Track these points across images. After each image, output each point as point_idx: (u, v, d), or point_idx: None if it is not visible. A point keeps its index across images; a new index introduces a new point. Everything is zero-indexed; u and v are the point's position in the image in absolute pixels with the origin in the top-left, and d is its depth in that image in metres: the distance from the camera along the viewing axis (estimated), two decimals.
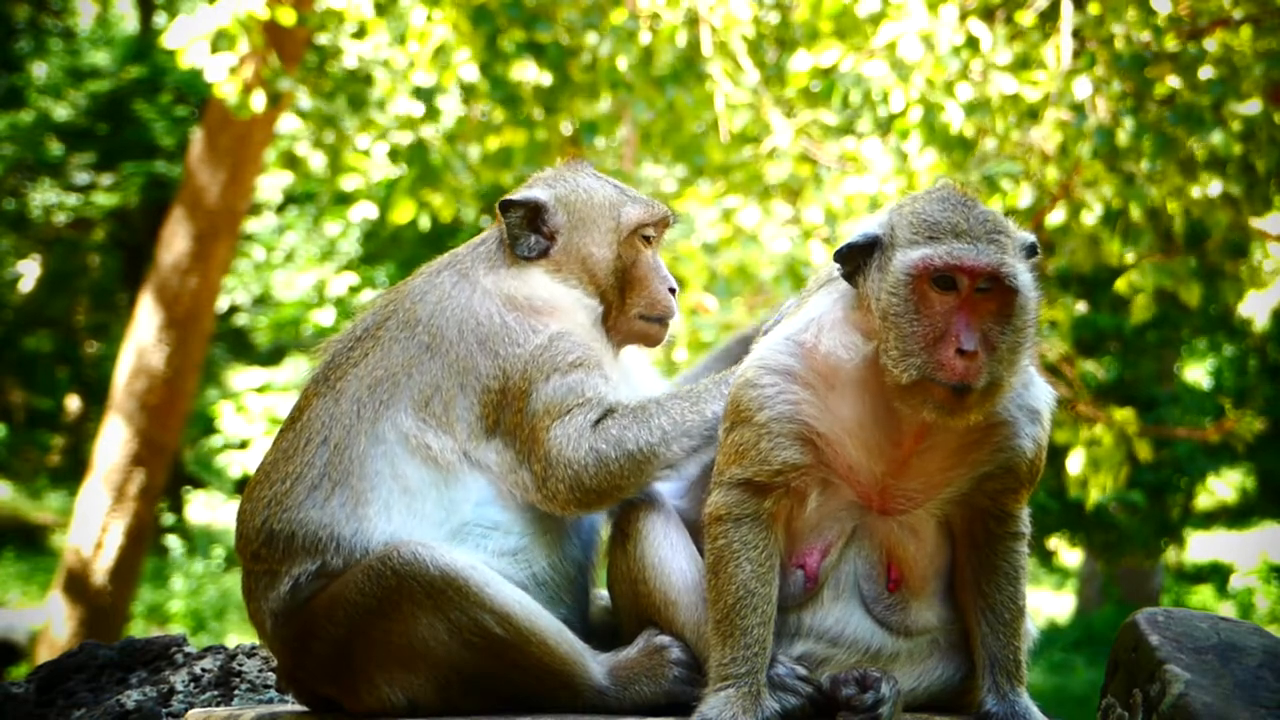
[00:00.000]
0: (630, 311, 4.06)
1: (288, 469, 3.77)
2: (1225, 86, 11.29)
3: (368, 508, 3.68)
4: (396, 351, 3.83)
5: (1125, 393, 20.54)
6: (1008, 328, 3.42)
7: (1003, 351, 3.41)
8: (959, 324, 3.39)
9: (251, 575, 3.79)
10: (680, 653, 3.68)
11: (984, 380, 3.38)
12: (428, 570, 3.56)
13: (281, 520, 3.71)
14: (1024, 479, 3.61)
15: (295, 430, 3.83)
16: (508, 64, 11.84)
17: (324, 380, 3.88)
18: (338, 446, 3.74)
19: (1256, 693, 3.43)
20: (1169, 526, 24.49)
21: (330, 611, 3.64)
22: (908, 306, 3.41)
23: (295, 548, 3.69)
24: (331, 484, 3.71)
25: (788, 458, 3.53)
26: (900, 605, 3.64)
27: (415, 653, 3.60)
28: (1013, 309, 3.43)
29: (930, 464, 3.57)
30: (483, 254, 4.03)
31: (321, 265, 24.17)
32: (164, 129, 25.18)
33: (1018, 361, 3.45)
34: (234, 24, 11.50)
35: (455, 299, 3.89)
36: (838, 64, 11.79)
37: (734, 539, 3.53)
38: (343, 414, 3.78)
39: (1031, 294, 3.46)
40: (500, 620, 3.58)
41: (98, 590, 14.73)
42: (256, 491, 3.81)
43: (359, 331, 3.94)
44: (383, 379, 3.81)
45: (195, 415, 22.38)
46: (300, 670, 3.79)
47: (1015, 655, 3.62)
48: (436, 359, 3.81)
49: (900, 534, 3.63)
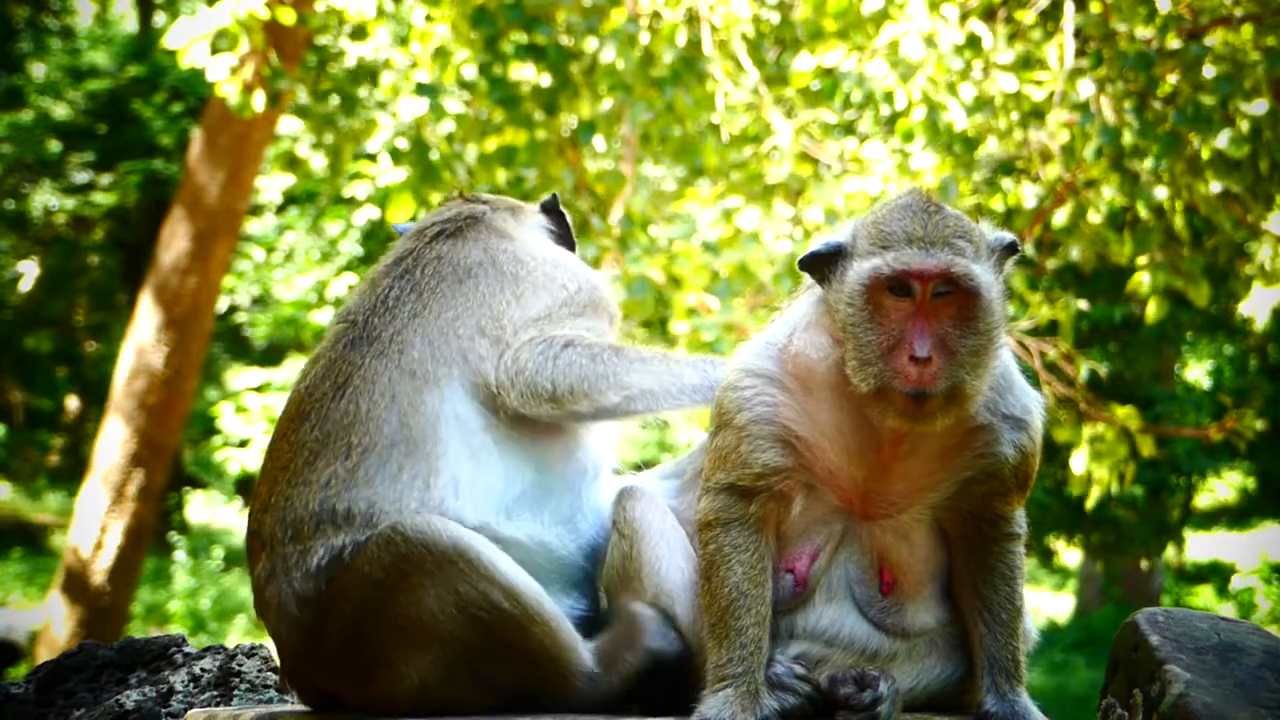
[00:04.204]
0: None
1: (349, 440, 3.70)
2: (1231, 85, 11.30)
3: (438, 478, 3.68)
4: (467, 289, 3.94)
5: (1125, 391, 20.54)
6: (968, 331, 3.41)
7: (963, 355, 3.39)
8: (913, 330, 3.39)
9: (278, 557, 3.71)
10: (652, 613, 3.71)
11: (942, 385, 3.37)
12: (440, 540, 3.57)
13: (345, 499, 3.66)
14: (1010, 484, 3.59)
15: (346, 396, 3.76)
16: (506, 65, 11.84)
17: (369, 341, 3.84)
18: (411, 404, 3.74)
19: (1256, 693, 3.43)
20: (1169, 526, 24.49)
21: (346, 588, 3.63)
22: (863, 316, 3.43)
23: (354, 523, 3.65)
24: (404, 452, 3.69)
25: (768, 460, 3.54)
26: (895, 608, 3.63)
27: (424, 626, 3.60)
28: (972, 311, 3.41)
29: (911, 469, 3.56)
30: (504, 213, 4.27)
31: (321, 266, 24.17)
32: (163, 128, 25.19)
33: (982, 364, 3.43)
34: (234, 24, 11.50)
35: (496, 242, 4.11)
36: (839, 64, 11.80)
37: (724, 543, 3.55)
38: (416, 364, 3.79)
39: (993, 295, 3.44)
40: (508, 594, 3.60)
41: (97, 590, 14.74)
42: (305, 474, 3.71)
43: (395, 293, 3.95)
44: (455, 319, 3.87)
45: (195, 415, 22.36)
46: (311, 660, 3.76)
47: (1014, 655, 3.61)
48: (509, 282, 3.97)
49: (891, 538, 3.62)
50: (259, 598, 3.81)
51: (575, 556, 3.87)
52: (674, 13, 12.22)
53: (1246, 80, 11.42)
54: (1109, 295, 19.27)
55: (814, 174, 12.81)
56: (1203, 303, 12.36)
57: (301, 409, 3.82)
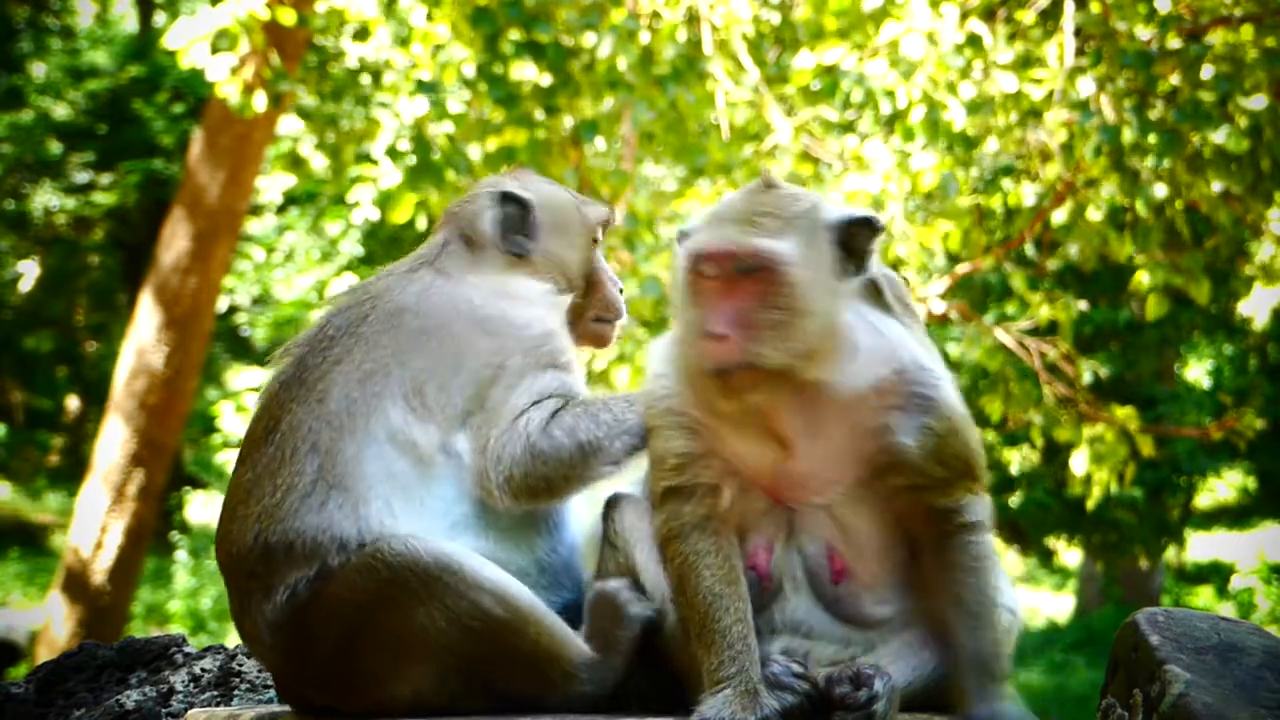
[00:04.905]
0: (588, 312, 4.16)
1: (275, 482, 3.68)
2: (1231, 83, 11.30)
3: (368, 507, 3.63)
4: (386, 342, 3.78)
5: (1125, 391, 20.54)
6: (771, 306, 3.41)
7: (764, 330, 3.40)
8: (710, 308, 3.43)
9: (245, 593, 3.71)
10: (620, 583, 3.69)
11: (739, 360, 3.39)
12: (420, 558, 3.54)
13: (277, 532, 3.64)
14: (934, 471, 3.53)
15: (274, 443, 3.73)
16: (507, 64, 11.84)
17: (299, 384, 3.78)
18: (329, 451, 3.67)
19: (1256, 693, 3.42)
20: (1169, 526, 24.49)
21: (328, 613, 3.61)
22: (684, 298, 3.51)
23: (295, 555, 3.62)
24: (327, 488, 3.64)
25: (677, 447, 3.57)
26: (850, 597, 3.60)
27: (415, 643, 3.57)
28: (774, 286, 3.41)
29: (813, 450, 3.54)
30: (454, 253, 4.02)
31: (322, 266, 24.17)
32: (163, 128, 25.19)
33: (788, 337, 3.41)
34: (235, 24, 11.50)
35: (443, 290, 3.89)
36: (839, 62, 11.80)
37: (686, 552, 3.56)
38: (332, 414, 3.71)
39: (796, 268, 3.42)
40: (498, 600, 3.57)
41: (97, 590, 14.73)
42: (240, 510, 3.72)
43: (331, 332, 3.85)
44: (373, 371, 3.75)
45: (195, 415, 22.36)
46: (300, 680, 3.76)
47: (991, 650, 3.54)
48: (433, 341, 3.78)
49: (833, 526, 3.60)
50: (238, 627, 3.80)
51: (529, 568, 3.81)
52: (674, 13, 12.21)
53: (1246, 80, 11.43)
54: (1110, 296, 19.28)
55: (814, 173, 12.81)
56: (1203, 301, 12.35)
57: (242, 452, 3.84)
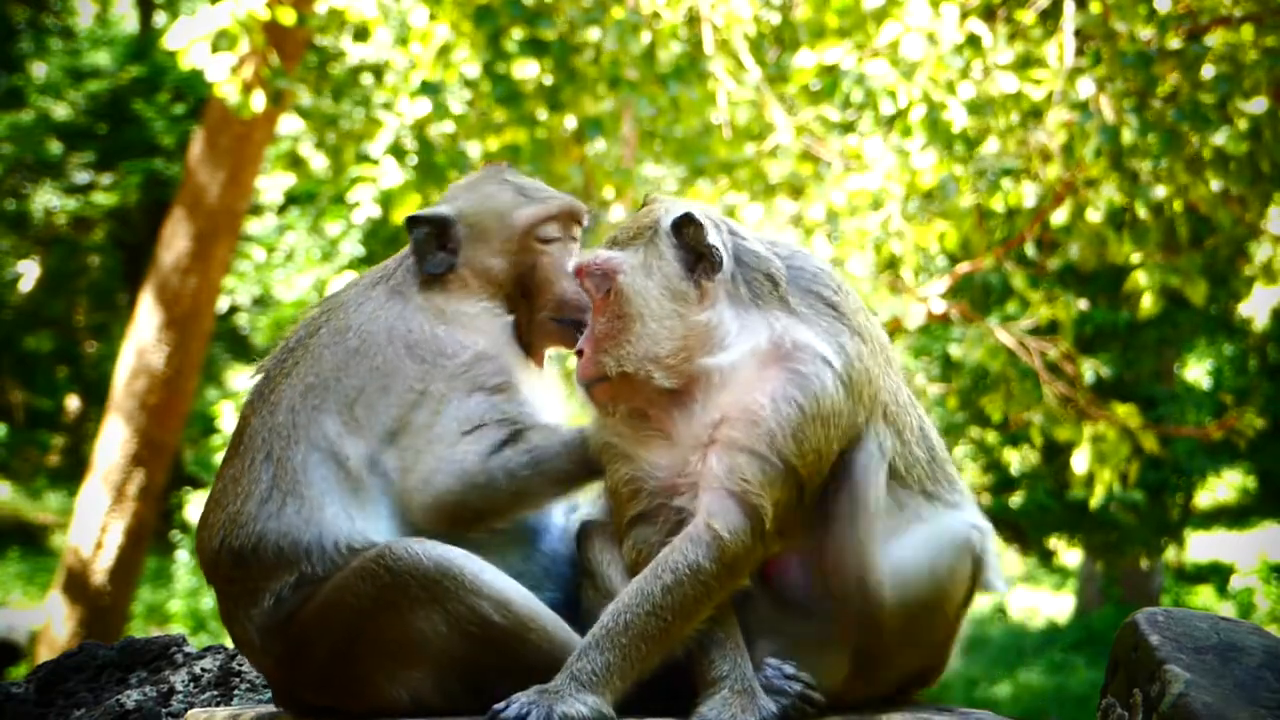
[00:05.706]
0: (539, 315, 4.01)
1: (236, 490, 3.74)
2: (1230, 84, 11.31)
3: (323, 511, 3.66)
4: (327, 357, 3.83)
5: (1125, 391, 20.55)
6: (613, 316, 3.55)
7: (606, 341, 3.54)
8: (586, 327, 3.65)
9: (229, 597, 3.74)
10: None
11: (592, 374, 3.55)
12: (421, 563, 3.54)
13: (239, 537, 3.67)
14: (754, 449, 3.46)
15: (239, 453, 3.80)
16: (509, 62, 11.84)
17: (260, 398, 3.86)
18: (280, 459, 3.72)
19: (1256, 693, 3.42)
20: (1169, 526, 24.50)
21: (324, 619, 3.61)
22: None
23: (266, 560, 3.65)
24: (282, 494, 3.69)
25: (624, 476, 3.59)
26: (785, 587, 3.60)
27: (415, 649, 3.57)
28: (611, 297, 3.56)
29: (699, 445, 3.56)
30: (410, 268, 4.01)
31: (322, 266, 24.17)
32: (164, 128, 25.18)
33: (616, 343, 3.52)
34: (234, 24, 11.51)
35: (389, 310, 3.90)
36: (840, 62, 11.81)
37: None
38: (280, 425, 3.76)
39: (627, 276, 3.54)
40: (498, 606, 3.56)
41: (98, 590, 14.73)
42: (210, 519, 3.78)
43: (291, 344, 3.93)
44: (314, 385, 3.79)
45: (195, 415, 22.36)
46: (295, 683, 3.76)
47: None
48: (365, 362, 3.80)
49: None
50: (229, 631, 3.83)
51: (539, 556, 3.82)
52: (674, 13, 12.22)
53: (1246, 80, 11.44)
54: (1109, 296, 19.27)
55: (815, 172, 12.82)
56: (1199, 301, 12.37)
57: (221, 462, 3.90)
